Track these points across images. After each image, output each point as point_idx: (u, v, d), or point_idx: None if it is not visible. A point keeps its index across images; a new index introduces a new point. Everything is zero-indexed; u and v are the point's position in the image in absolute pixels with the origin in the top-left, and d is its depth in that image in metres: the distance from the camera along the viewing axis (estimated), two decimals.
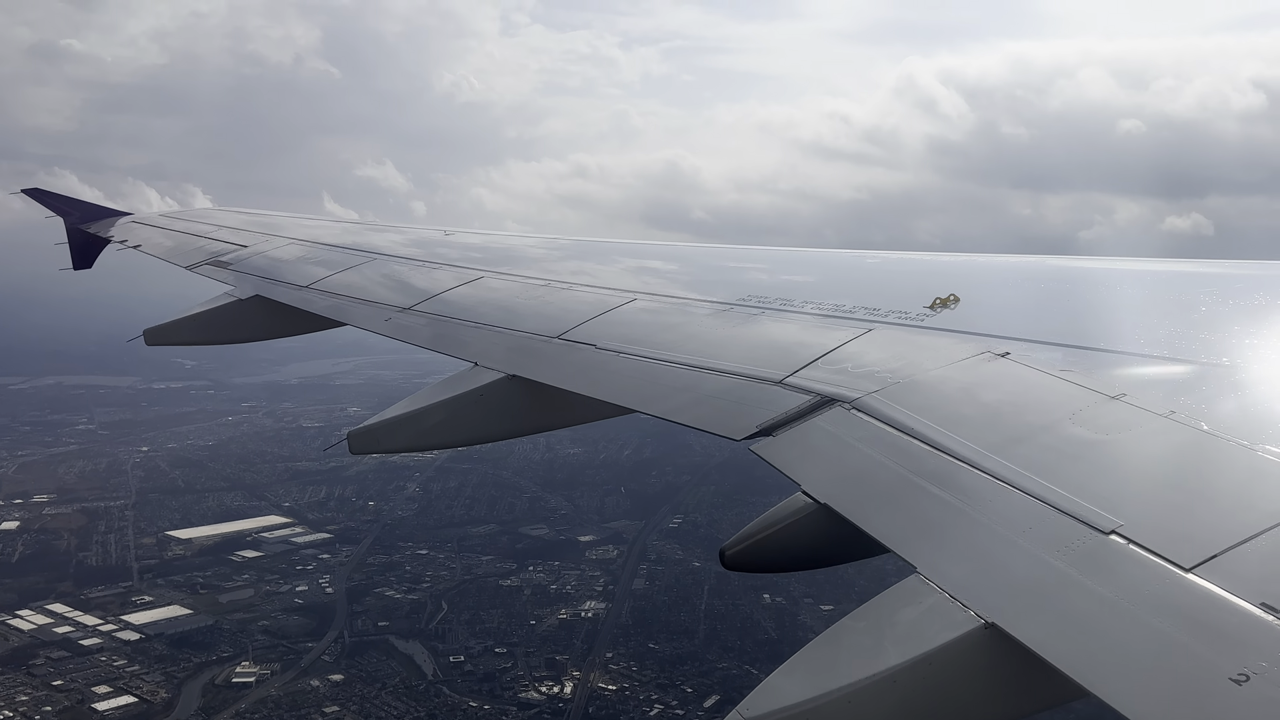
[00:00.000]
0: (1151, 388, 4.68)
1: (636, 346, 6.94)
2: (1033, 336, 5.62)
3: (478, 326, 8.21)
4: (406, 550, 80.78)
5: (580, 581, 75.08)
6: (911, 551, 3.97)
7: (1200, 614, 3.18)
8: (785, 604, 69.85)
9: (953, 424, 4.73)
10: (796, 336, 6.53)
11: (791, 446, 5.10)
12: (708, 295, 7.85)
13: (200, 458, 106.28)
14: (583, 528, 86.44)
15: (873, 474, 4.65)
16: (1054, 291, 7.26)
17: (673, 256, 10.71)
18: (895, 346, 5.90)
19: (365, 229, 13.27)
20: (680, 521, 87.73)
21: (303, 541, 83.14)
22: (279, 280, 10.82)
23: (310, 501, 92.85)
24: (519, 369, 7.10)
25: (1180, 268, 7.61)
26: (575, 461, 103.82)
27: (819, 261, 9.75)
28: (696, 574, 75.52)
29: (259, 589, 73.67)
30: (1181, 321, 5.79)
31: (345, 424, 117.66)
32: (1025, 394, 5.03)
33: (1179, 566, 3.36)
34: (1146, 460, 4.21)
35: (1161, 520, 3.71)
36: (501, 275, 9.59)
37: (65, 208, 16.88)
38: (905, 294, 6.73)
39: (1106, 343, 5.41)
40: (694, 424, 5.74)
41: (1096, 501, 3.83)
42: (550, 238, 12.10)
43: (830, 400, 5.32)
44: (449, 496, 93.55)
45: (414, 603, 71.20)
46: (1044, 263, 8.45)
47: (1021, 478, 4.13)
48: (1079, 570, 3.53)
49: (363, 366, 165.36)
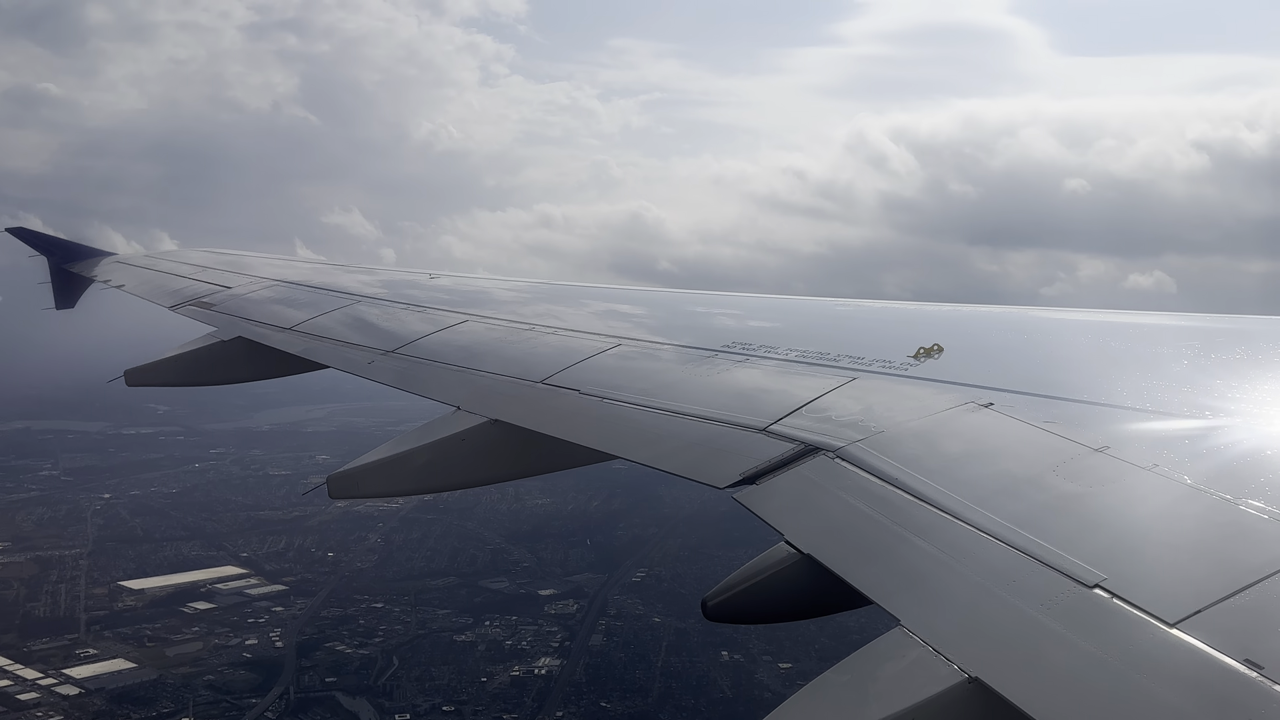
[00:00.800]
0: (1135, 441, 4.68)
1: (620, 392, 6.92)
2: (1016, 387, 5.62)
3: (461, 370, 8.18)
4: (362, 603, 78.89)
5: (536, 637, 73.27)
6: (895, 604, 3.93)
7: (1184, 670, 3.16)
8: (743, 661, 68.65)
9: (936, 475, 4.72)
10: (781, 384, 6.52)
11: (774, 495, 5.07)
12: (692, 341, 7.85)
13: (162, 505, 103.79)
14: (544, 581, 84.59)
15: (856, 524, 4.62)
16: (1038, 343, 7.29)
17: (656, 303, 10.73)
18: (879, 395, 5.89)
19: (349, 271, 13.25)
20: (644, 575, 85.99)
21: (257, 593, 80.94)
22: (262, 322, 10.78)
23: (269, 552, 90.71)
24: (501, 413, 7.06)
25: (1163, 320, 7.65)
26: (543, 512, 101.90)
27: (802, 309, 9.77)
28: (656, 630, 74.05)
29: (208, 642, 71.47)
30: (1165, 374, 5.81)
31: (313, 472, 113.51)
32: (1009, 445, 5.02)
33: (1163, 621, 3.34)
34: (1130, 514, 4.20)
35: (1145, 574, 3.69)
36: (485, 319, 9.57)
37: (49, 247, 16.85)
38: (889, 343, 6.74)
39: (1090, 395, 5.42)
40: (677, 471, 5.71)
41: (1080, 555, 3.81)
42: (535, 282, 12.11)
43: (814, 449, 5.30)
44: (410, 548, 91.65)
45: (364, 658, 69.37)
46: (1027, 314, 8.49)
47: (1005, 530, 4.11)
48: (1063, 624, 3.50)
49: (336, 413, 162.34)
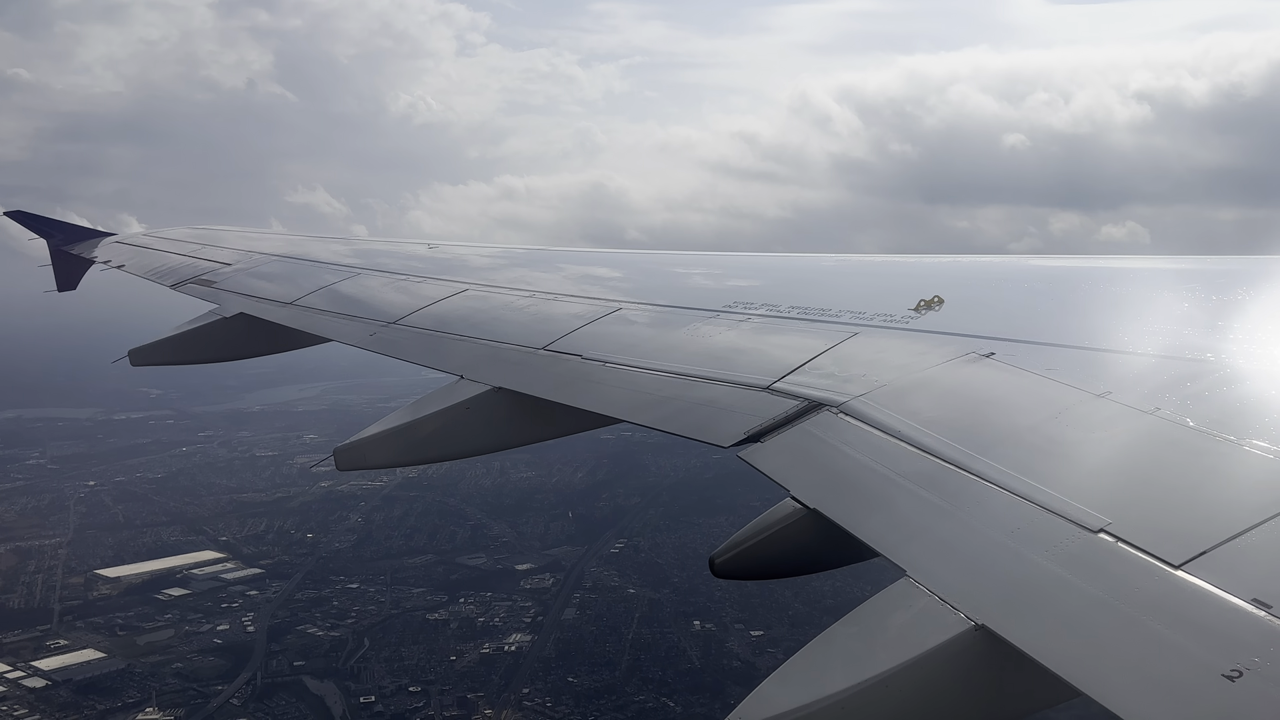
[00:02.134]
0: (1136, 385, 4.68)
1: (622, 356, 6.92)
2: (1017, 336, 5.62)
3: (462, 339, 8.18)
4: (337, 584, 77.72)
5: (510, 613, 72.21)
6: (901, 555, 3.96)
7: (1191, 611, 3.17)
8: (715, 630, 68.07)
9: (939, 426, 4.73)
10: (783, 341, 6.53)
11: (779, 452, 5.09)
12: (693, 303, 7.84)
13: (145, 491, 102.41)
14: (522, 556, 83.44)
15: (860, 478, 4.63)
16: (1037, 291, 7.27)
17: (655, 266, 10.71)
18: (881, 349, 5.89)
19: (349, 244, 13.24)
20: (622, 546, 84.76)
21: (232, 578, 79.79)
22: (263, 297, 10.78)
23: (248, 535, 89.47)
24: (505, 381, 7.08)
25: (1161, 264, 7.63)
26: (527, 485, 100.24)
27: (802, 266, 9.75)
28: (630, 602, 73.10)
29: (179, 629, 70.39)
30: (1165, 317, 5.79)
31: (300, 452, 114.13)
32: (1010, 394, 5.03)
33: (1168, 564, 3.35)
34: (1133, 458, 4.20)
35: (1150, 517, 3.70)
36: (485, 288, 9.57)
37: (48, 229, 16.85)
38: (890, 297, 6.73)
39: (1090, 341, 5.41)
40: (681, 432, 5.73)
41: (1084, 500, 3.82)
42: (532, 249, 12.10)
43: (817, 405, 5.31)
44: (391, 526, 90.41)
45: (335, 640, 68.33)
46: (1027, 262, 8.47)
47: (1008, 478, 4.12)
48: (1068, 569, 3.51)
49: (329, 392, 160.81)
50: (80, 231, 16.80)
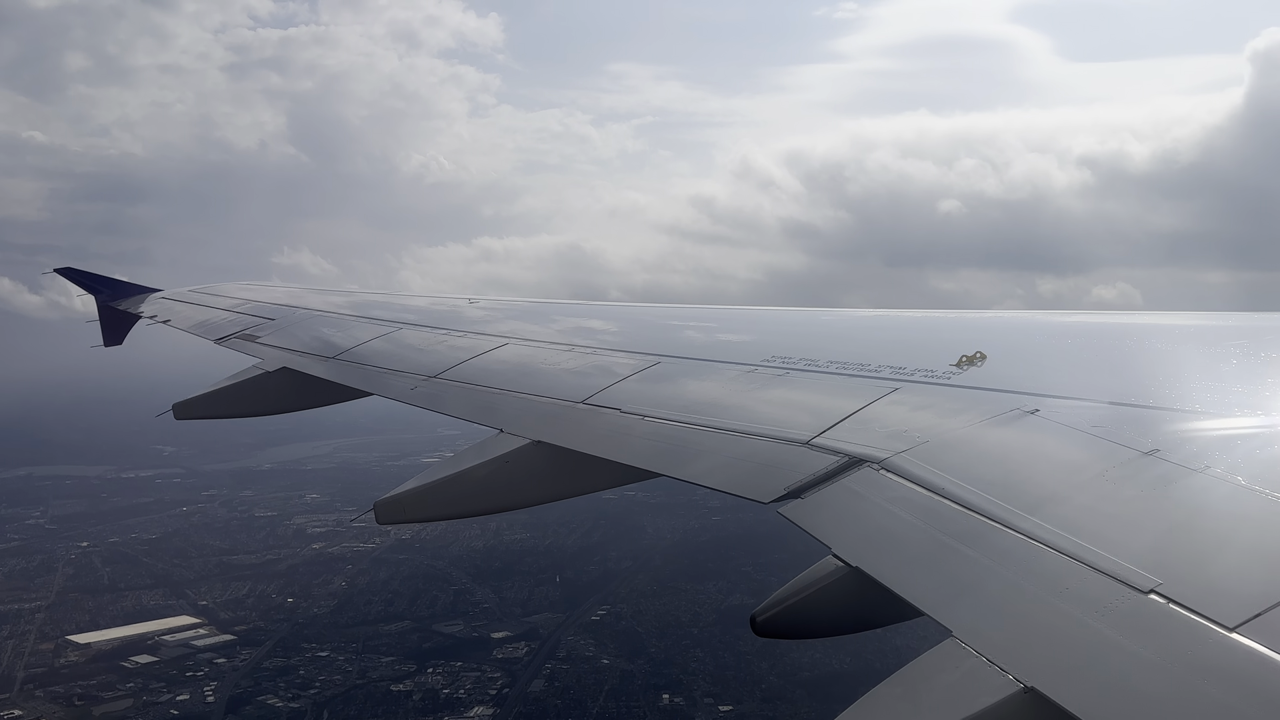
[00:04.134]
0: (1185, 443, 4.61)
1: (661, 410, 6.92)
2: (1062, 393, 5.56)
3: (502, 393, 8.23)
4: (308, 652, 75.09)
5: (476, 684, 69.41)
6: (946, 614, 3.89)
7: (1245, 674, 3.09)
8: (683, 705, 65.50)
9: (984, 483, 4.67)
10: (823, 397, 6.50)
11: (820, 508, 5.05)
12: (731, 357, 7.84)
13: (137, 553, 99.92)
14: (500, 623, 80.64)
15: (904, 535, 4.58)
16: (1081, 346, 7.20)
17: (694, 318, 10.74)
18: (923, 405, 5.85)
19: (392, 298, 13.40)
20: (605, 613, 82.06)
21: (203, 645, 77.19)
22: (305, 352, 10.92)
23: (229, 599, 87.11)
24: (544, 435, 7.10)
25: (1206, 321, 7.54)
26: (519, 548, 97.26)
27: (841, 321, 9.74)
28: (601, 673, 70.42)
29: (139, 699, 67.70)
30: (1214, 374, 5.72)
31: (299, 512, 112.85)
32: (1056, 451, 4.97)
33: (1222, 626, 3.27)
34: (1183, 517, 4.13)
35: (1202, 578, 3.63)
36: (524, 341, 9.64)
37: (96, 285, 17.20)
38: (931, 352, 6.70)
39: (1137, 398, 5.35)
40: (721, 487, 5.70)
41: (1134, 560, 3.75)
42: (570, 303, 12.18)
43: (859, 461, 5.27)
44: (374, 590, 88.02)
45: (293, 712, 65.86)
46: (1069, 318, 8.40)
47: (1056, 537, 4.06)
48: (1119, 631, 3.44)
49: (341, 449, 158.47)
50: (127, 288, 17.14)
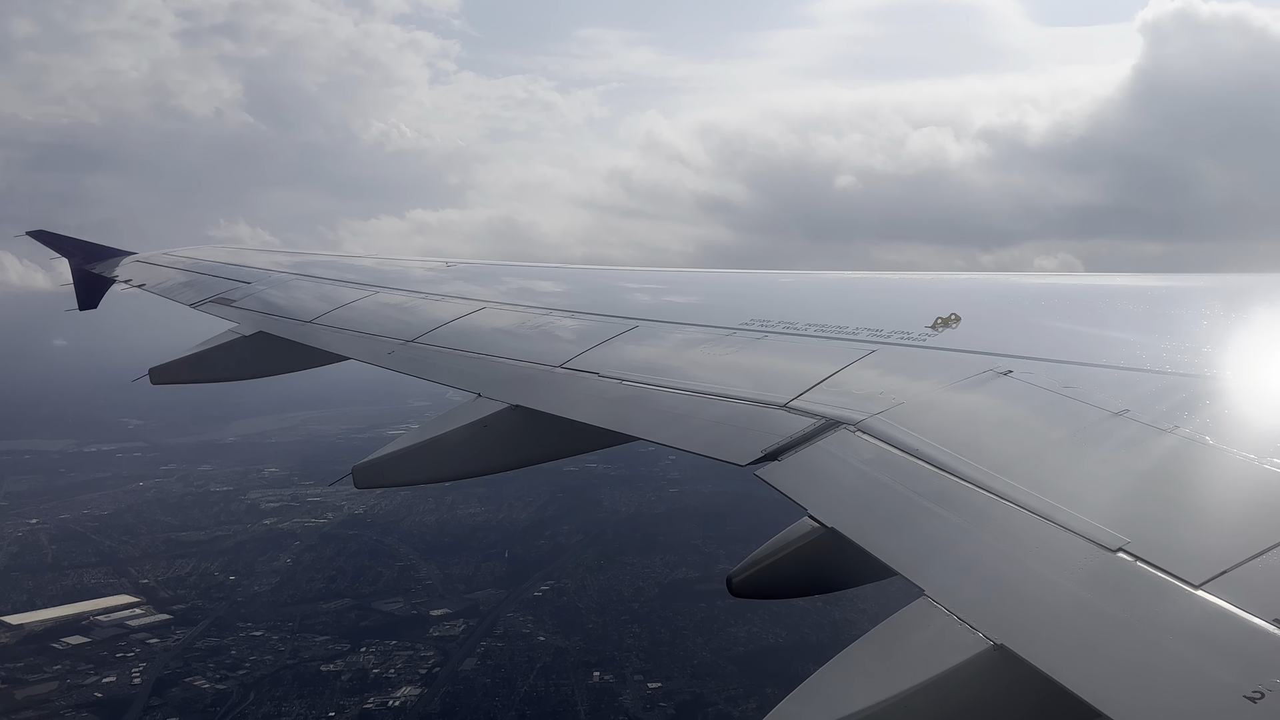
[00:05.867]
0: (1155, 402, 4.66)
1: (639, 374, 6.94)
2: (1034, 354, 5.60)
3: (480, 357, 8.22)
4: (242, 631, 73.89)
5: (408, 664, 68.31)
6: (918, 573, 3.95)
7: (1211, 631, 3.15)
8: (612, 682, 65.06)
9: (957, 444, 4.72)
10: (800, 359, 6.53)
11: (797, 470, 5.09)
12: (710, 320, 7.85)
13: (86, 530, 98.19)
14: (441, 600, 79.45)
15: (878, 496, 4.63)
16: (1054, 308, 7.25)
17: (671, 282, 10.74)
18: (898, 367, 5.89)
19: (368, 262, 13.32)
20: (548, 589, 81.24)
21: (138, 624, 75.69)
22: (282, 315, 10.86)
23: (171, 577, 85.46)
24: (522, 399, 7.10)
25: (1180, 282, 7.60)
26: (470, 522, 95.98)
27: (820, 283, 9.76)
28: (536, 650, 69.66)
29: (64, 682, 66.45)
30: (1185, 335, 5.77)
31: (255, 486, 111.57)
32: (1028, 412, 5.02)
33: (1188, 583, 3.33)
34: (1152, 476, 4.18)
35: (1169, 536, 3.68)
36: (502, 306, 9.62)
37: (70, 248, 17.02)
38: (907, 314, 6.73)
39: (1108, 359, 5.40)
40: (698, 450, 5.73)
41: (1102, 519, 3.80)
42: (549, 266, 12.15)
43: (835, 423, 5.31)
44: (318, 567, 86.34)
45: (219, 694, 64.59)
46: (1043, 280, 8.46)
47: (1027, 497, 4.11)
48: (1086, 589, 3.50)
49: (308, 422, 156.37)
50: (101, 251, 16.96)
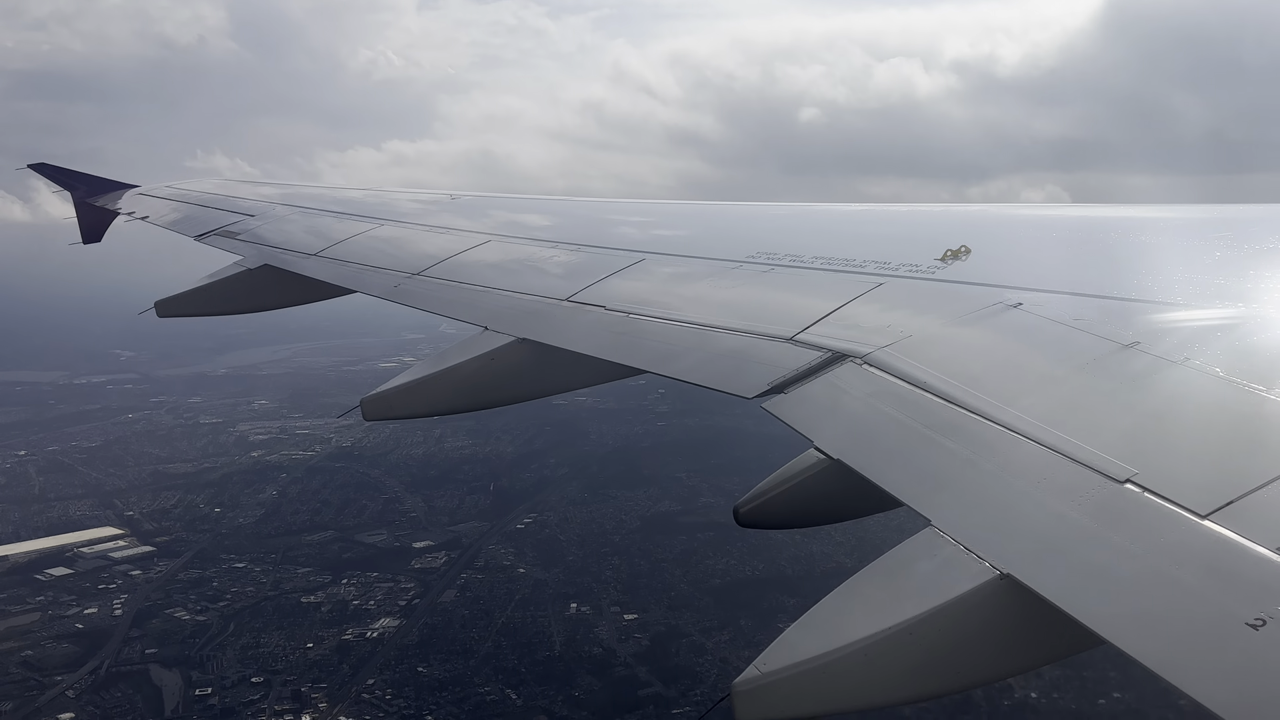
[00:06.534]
0: (1166, 335, 4.64)
1: (646, 307, 6.92)
2: (1045, 286, 5.57)
3: (486, 290, 8.19)
4: (225, 564, 73.40)
5: (388, 595, 67.96)
6: (925, 504, 3.97)
7: (1216, 560, 3.18)
8: (589, 614, 64.81)
9: (965, 376, 4.72)
10: (807, 292, 6.50)
11: (803, 403, 5.09)
12: (716, 253, 7.81)
13: (74, 461, 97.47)
14: (425, 533, 78.62)
15: (885, 428, 4.64)
16: (1065, 240, 7.20)
17: (676, 215, 10.66)
18: (907, 300, 5.86)
19: (373, 195, 13.22)
20: (530, 521, 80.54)
21: (121, 556, 74.87)
22: (287, 249, 10.81)
23: (157, 509, 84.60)
24: (528, 332, 7.09)
25: (1190, 213, 7.53)
26: (457, 456, 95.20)
27: (827, 216, 9.68)
28: (515, 582, 69.35)
29: (46, 613, 65.83)
30: (1196, 266, 5.73)
31: (245, 419, 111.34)
32: (1038, 344, 5.00)
33: (1195, 513, 3.35)
34: (1161, 408, 4.18)
35: (1177, 468, 3.70)
36: (508, 239, 9.57)
37: (72, 182, 16.90)
38: (916, 247, 6.68)
39: (1119, 291, 5.36)
40: (704, 383, 5.73)
41: (1111, 450, 3.81)
42: (555, 199, 12.06)
43: (842, 356, 5.30)
44: (303, 499, 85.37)
45: (199, 625, 64.10)
46: (1054, 211, 8.38)
47: (1035, 428, 4.12)
48: (1094, 519, 3.52)
49: (299, 354, 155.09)
50: (104, 184, 16.84)
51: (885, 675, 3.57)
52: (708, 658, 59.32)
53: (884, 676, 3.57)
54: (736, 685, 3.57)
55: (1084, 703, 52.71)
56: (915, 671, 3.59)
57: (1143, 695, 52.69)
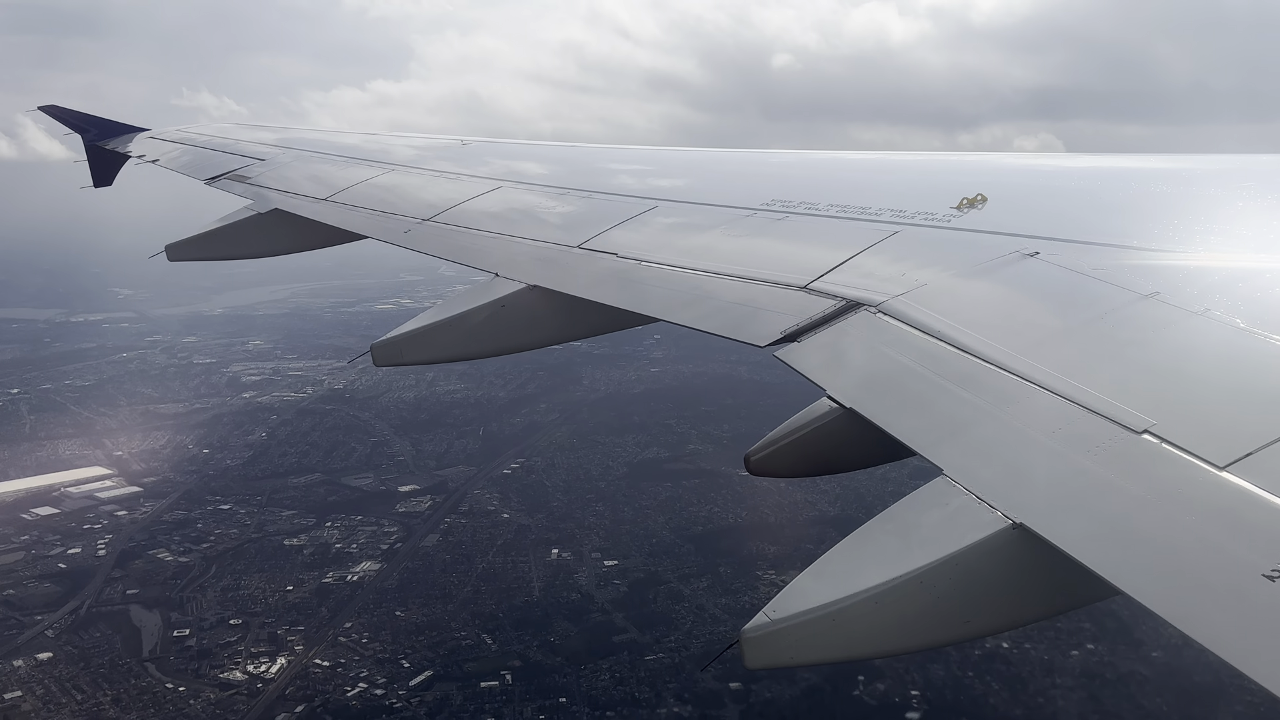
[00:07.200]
0: (1185, 285, 4.58)
1: (658, 254, 6.86)
2: (1063, 235, 5.49)
3: (497, 237, 8.14)
4: (210, 505, 73.88)
5: (370, 539, 68.40)
6: (938, 454, 3.94)
7: (1234, 511, 3.14)
8: (569, 560, 65.50)
9: (980, 326, 4.66)
10: (821, 240, 6.43)
11: (816, 352, 5.05)
12: (730, 201, 7.73)
13: (66, 401, 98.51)
14: (411, 477, 79.04)
15: (898, 377, 4.59)
16: (1084, 189, 7.10)
17: (694, 163, 10.55)
18: (922, 248, 5.79)
19: (383, 140, 13.12)
20: (517, 466, 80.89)
21: (108, 497, 75.53)
22: (297, 193, 10.76)
23: (146, 449, 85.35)
24: (539, 279, 7.05)
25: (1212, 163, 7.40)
26: (449, 400, 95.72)
27: (842, 163, 9.57)
28: (498, 527, 69.62)
29: (30, 553, 66.68)
30: (1216, 216, 5.65)
31: (238, 359, 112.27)
32: (1055, 294, 4.94)
33: (1213, 465, 3.31)
34: (1179, 359, 4.13)
35: (1195, 419, 3.65)
36: (519, 184, 9.48)
37: (82, 124, 16.83)
38: (932, 195, 6.59)
39: (1139, 240, 5.28)
40: (717, 331, 5.69)
41: (1128, 401, 3.77)
42: (567, 144, 11.96)
43: (855, 304, 5.25)
44: (292, 442, 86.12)
45: (181, 566, 64.86)
46: (1072, 160, 8.26)
47: (1051, 378, 4.07)
48: (1110, 470, 3.48)
49: (297, 294, 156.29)
50: (114, 127, 16.76)
51: (895, 624, 3.57)
52: (684, 605, 60.17)
53: (894, 625, 3.57)
54: (745, 631, 3.57)
55: (1056, 654, 53.17)
56: (925, 620, 3.58)
57: (1114, 648, 53.12)
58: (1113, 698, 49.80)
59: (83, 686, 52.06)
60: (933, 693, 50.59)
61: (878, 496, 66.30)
